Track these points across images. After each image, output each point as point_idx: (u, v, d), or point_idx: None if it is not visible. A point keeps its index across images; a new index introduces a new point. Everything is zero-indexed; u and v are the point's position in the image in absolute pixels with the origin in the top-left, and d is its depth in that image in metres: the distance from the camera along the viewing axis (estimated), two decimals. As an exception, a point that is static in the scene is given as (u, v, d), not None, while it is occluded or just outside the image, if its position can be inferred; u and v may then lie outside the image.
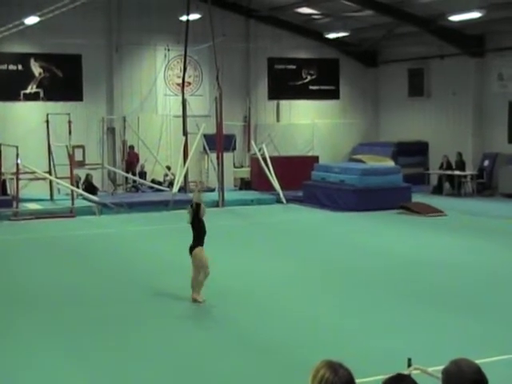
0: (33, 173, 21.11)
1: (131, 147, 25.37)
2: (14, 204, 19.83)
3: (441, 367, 3.44)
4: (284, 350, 8.22)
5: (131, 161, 25.20)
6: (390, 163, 24.39)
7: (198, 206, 10.35)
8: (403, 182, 21.39)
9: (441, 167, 24.62)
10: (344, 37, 26.72)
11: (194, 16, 23.76)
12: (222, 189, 21.82)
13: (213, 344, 8.54)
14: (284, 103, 28.43)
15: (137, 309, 10.26)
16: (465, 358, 3.40)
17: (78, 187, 22.26)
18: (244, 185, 25.40)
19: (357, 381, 3.29)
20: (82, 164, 23.29)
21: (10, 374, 7.59)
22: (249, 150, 26.47)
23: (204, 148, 24.54)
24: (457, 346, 7.97)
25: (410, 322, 9.37)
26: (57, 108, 24.05)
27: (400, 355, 6.03)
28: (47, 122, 22.40)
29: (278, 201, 22.13)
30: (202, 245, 10.27)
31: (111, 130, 25.82)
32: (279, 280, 11.98)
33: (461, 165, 24.17)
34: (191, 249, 10.31)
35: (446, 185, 24.32)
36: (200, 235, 10.27)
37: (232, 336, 8.86)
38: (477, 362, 3.43)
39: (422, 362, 5.77)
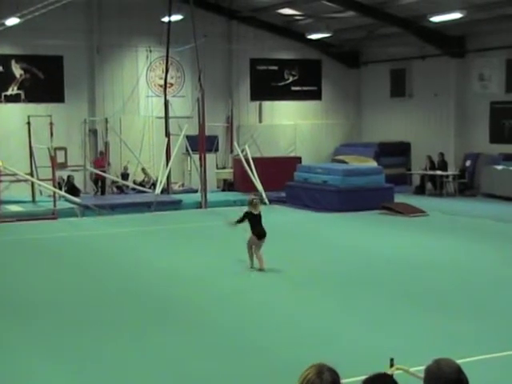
0: (14, 175, 20.96)
1: (101, 153, 25.13)
2: (-4, 206, 19.71)
3: (424, 367, 3.45)
4: (271, 352, 8.21)
5: (100, 165, 24.69)
6: (373, 164, 24.45)
7: (254, 214, 12.92)
8: (385, 183, 21.44)
9: (425, 169, 24.66)
10: (326, 38, 26.77)
11: (175, 17, 23.74)
12: (204, 190, 21.81)
13: (204, 347, 8.51)
14: (266, 104, 28.44)
15: (121, 312, 10.19)
16: (446, 358, 3.42)
17: (60, 189, 22.16)
18: (227, 186, 25.38)
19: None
20: (63, 166, 23.15)
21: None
22: (231, 151, 26.46)
23: (186, 149, 24.50)
24: (441, 345, 8.00)
25: (394, 321, 9.39)
26: (38, 110, 23.93)
27: (383, 355, 6.03)
28: (28, 123, 22.28)
29: (261, 202, 22.06)
30: (254, 234, 12.80)
31: (93, 132, 25.70)
32: (264, 281, 11.98)
33: (443, 165, 24.27)
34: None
35: (428, 185, 24.42)
36: (253, 227, 12.87)
37: (222, 338, 8.82)
38: (461, 361, 3.44)
39: (406, 361, 5.78)
